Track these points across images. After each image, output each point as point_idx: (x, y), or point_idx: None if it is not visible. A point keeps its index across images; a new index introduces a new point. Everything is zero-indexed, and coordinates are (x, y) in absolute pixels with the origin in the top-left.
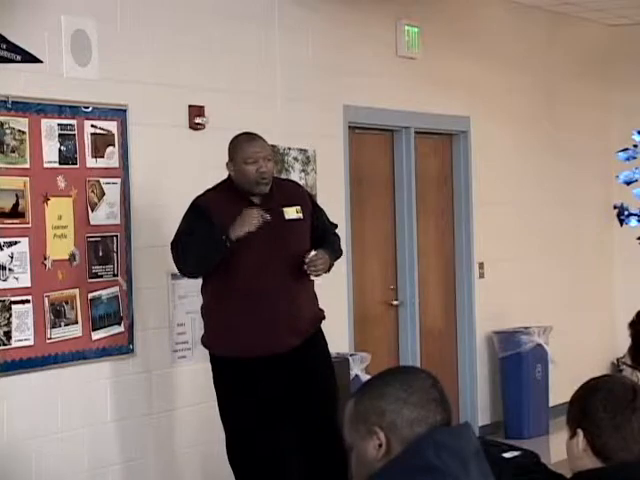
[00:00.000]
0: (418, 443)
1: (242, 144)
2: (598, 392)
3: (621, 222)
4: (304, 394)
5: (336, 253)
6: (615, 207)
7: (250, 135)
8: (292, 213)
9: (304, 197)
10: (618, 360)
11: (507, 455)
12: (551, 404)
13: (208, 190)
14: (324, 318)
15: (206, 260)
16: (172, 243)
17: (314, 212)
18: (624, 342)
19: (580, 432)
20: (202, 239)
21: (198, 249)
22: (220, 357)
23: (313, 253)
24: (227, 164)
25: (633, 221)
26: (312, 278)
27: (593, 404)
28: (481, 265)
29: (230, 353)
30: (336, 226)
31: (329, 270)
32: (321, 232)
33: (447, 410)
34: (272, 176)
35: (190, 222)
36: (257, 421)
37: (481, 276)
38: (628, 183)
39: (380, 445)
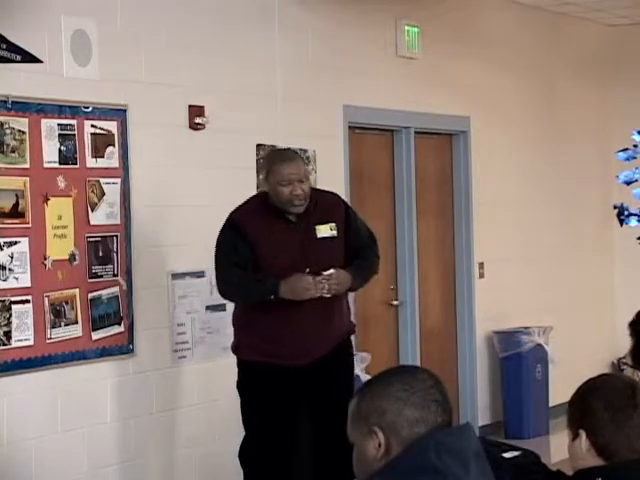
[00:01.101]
0: (419, 444)
1: (277, 165)
2: (597, 391)
3: (621, 222)
4: (324, 403)
5: (366, 273)
6: (615, 207)
7: (285, 154)
8: (325, 231)
9: (340, 214)
10: (619, 360)
11: (507, 455)
12: (551, 404)
13: (243, 204)
14: (354, 332)
15: (247, 301)
16: (216, 268)
17: (349, 229)
18: (624, 342)
19: (582, 433)
20: (250, 284)
21: (242, 292)
22: (248, 361)
23: (328, 272)
24: (262, 180)
25: (633, 221)
26: (325, 296)
27: (593, 404)
28: (481, 265)
29: (257, 358)
30: (375, 241)
31: (356, 289)
32: (356, 249)
33: (448, 411)
34: (307, 196)
35: (228, 245)
36: (276, 427)
37: (481, 276)
38: (628, 183)
39: (380, 445)
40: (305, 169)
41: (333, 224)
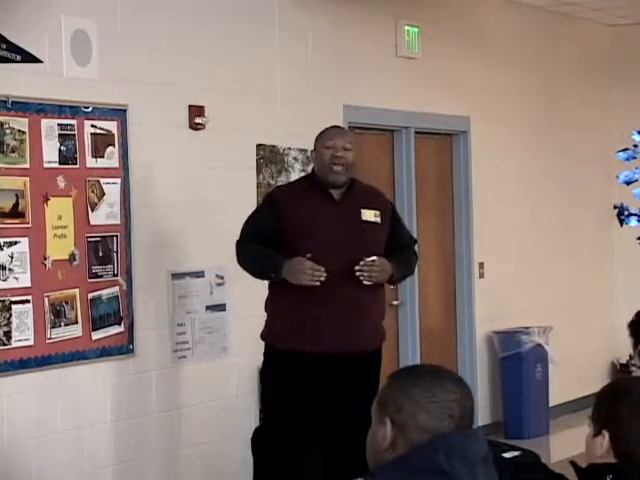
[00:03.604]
0: (429, 445)
1: (326, 131)
2: (629, 396)
3: (621, 222)
4: (346, 405)
5: (405, 269)
6: (615, 207)
7: (336, 126)
8: (370, 216)
9: (386, 204)
10: (627, 362)
11: (507, 455)
12: (551, 404)
13: (291, 182)
14: (385, 339)
15: (254, 275)
16: (237, 241)
17: (394, 222)
18: (624, 342)
19: (606, 434)
20: (259, 258)
21: (251, 264)
22: (276, 349)
23: (372, 258)
24: (311, 153)
25: (633, 221)
26: (365, 282)
27: (625, 410)
28: (481, 265)
29: (287, 346)
30: (415, 242)
31: (394, 284)
32: (397, 244)
33: (464, 427)
34: (350, 167)
35: (257, 218)
36: (296, 420)
37: (481, 276)
38: (628, 183)
39: (386, 438)
40: (352, 140)
41: (378, 212)
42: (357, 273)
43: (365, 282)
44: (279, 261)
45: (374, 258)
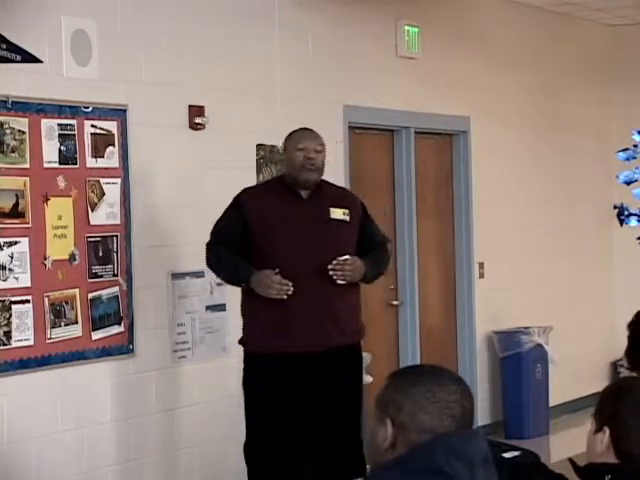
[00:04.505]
0: (429, 445)
1: (296, 133)
2: (633, 395)
3: (621, 222)
4: (327, 403)
5: (378, 267)
6: (615, 207)
7: (306, 128)
8: (338, 214)
9: (356, 203)
10: (616, 362)
11: (507, 455)
12: (551, 404)
13: (259, 184)
14: (363, 335)
15: (226, 281)
16: (207, 243)
17: (364, 221)
18: (624, 342)
19: (607, 431)
20: (228, 267)
21: (222, 271)
22: (252, 353)
23: (344, 257)
24: (280, 154)
25: (633, 221)
26: (339, 282)
27: (627, 407)
28: (481, 265)
29: (261, 349)
30: (388, 241)
31: (367, 282)
32: (368, 243)
33: (465, 426)
34: (321, 168)
35: (225, 220)
36: (279, 422)
37: (481, 276)
38: (628, 183)
39: (387, 438)
40: (323, 142)
41: (347, 210)
42: (330, 272)
43: (338, 281)
44: (248, 272)
45: (347, 257)
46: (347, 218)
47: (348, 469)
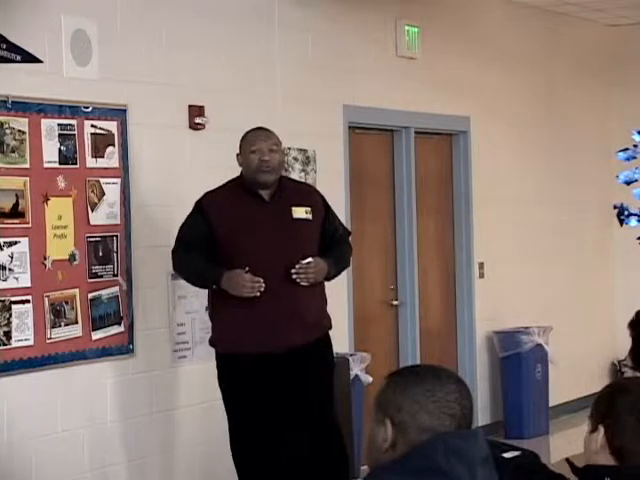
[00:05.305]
0: (429, 445)
1: (249, 134)
2: (629, 394)
3: (621, 222)
4: (301, 395)
5: (341, 264)
6: (615, 207)
7: (259, 128)
8: (301, 213)
9: (317, 200)
10: (619, 362)
11: (507, 455)
12: (551, 404)
13: (219, 187)
14: (329, 328)
15: (196, 285)
16: (173, 250)
17: (326, 217)
18: (624, 342)
19: (601, 428)
20: (197, 270)
21: (191, 275)
22: (223, 354)
23: (307, 260)
24: (237, 157)
25: (633, 221)
26: (303, 284)
27: (621, 404)
28: (481, 265)
29: (231, 350)
30: (349, 234)
31: (330, 279)
32: (330, 239)
33: (462, 428)
34: (277, 168)
35: (189, 225)
36: (256, 418)
37: (481, 276)
38: (628, 183)
39: (387, 438)
40: (277, 141)
41: (309, 208)
42: (294, 276)
43: (302, 283)
44: (218, 273)
45: (310, 260)
46: (310, 216)
47: (330, 463)
